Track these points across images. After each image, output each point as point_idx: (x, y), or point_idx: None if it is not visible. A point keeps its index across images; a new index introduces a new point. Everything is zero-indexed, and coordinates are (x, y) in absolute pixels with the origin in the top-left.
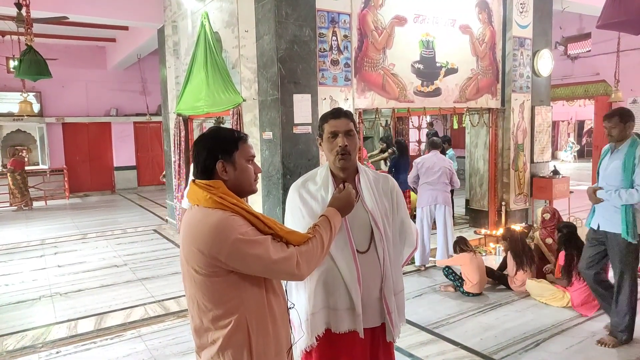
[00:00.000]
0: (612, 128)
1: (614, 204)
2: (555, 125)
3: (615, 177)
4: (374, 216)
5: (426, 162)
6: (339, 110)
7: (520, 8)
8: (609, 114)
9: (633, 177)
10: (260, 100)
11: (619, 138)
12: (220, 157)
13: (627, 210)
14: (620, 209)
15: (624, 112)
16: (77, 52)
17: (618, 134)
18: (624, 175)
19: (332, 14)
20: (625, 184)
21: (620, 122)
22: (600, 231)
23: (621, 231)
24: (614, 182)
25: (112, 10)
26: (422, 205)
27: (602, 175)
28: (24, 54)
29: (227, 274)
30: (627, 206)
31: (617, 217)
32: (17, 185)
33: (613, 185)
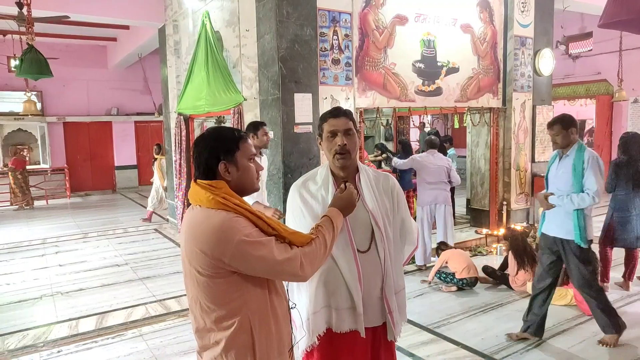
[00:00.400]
0: (555, 135)
1: (565, 210)
2: None
3: (566, 182)
4: (375, 216)
5: (423, 161)
6: (338, 109)
7: (521, 7)
8: (551, 122)
9: (583, 181)
10: (261, 99)
11: (564, 144)
12: (222, 158)
13: (578, 216)
14: (572, 215)
15: (565, 119)
16: (78, 51)
17: (562, 140)
18: (574, 180)
19: (333, 13)
20: (576, 189)
21: (563, 129)
22: (552, 238)
23: (574, 237)
24: (564, 187)
25: (113, 10)
26: (422, 205)
27: (552, 181)
28: (25, 53)
29: (230, 275)
30: (579, 211)
31: (569, 223)
32: (19, 185)
33: (564, 191)
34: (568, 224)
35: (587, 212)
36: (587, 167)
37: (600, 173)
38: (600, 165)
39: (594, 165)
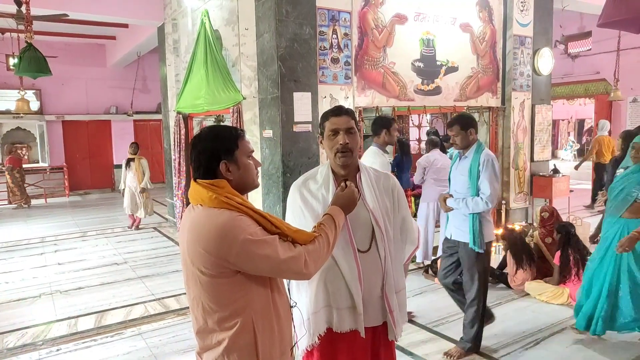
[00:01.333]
0: (455, 136)
1: (463, 213)
2: (556, 124)
3: (463, 184)
4: (375, 215)
5: (437, 162)
6: (340, 107)
7: (520, 6)
8: (449, 122)
9: (478, 185)
10: (261, 98)
11: (463, 145)
12: (222, 158)
13: (474, 219)
14: (468, 218)
15: (464, 119)
16: (77, 50)
17: (461, 141)
18: (470, 182)
19: (333, 12)
20: (472, 192)
21: (462, 130)
22: (452, 240)
23: (469, 240)
24: (461, 189)
25: (112, 8)
26: (427, 201)
27: (452, 182)
28: (23, 52)
29: (234, 275)
30: (474, 215)
31: (466, 226)
32: (17, 183)
33: (461, 193)
34: (465, 227)
35: (485, 216)
36: (482, 170)
37: (495, 177)
38: (495, 168)
39: (489, 169)
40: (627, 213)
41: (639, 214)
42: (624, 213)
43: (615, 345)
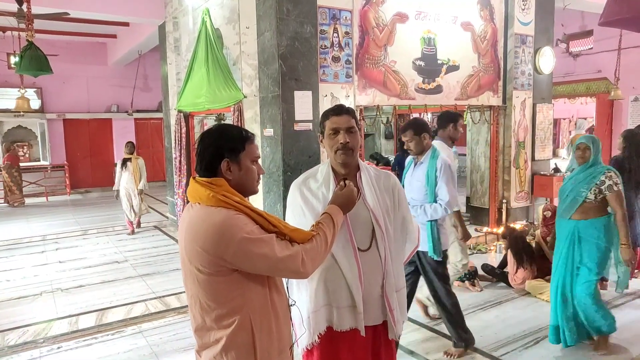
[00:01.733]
0: (409, 142)
1: (419, 221)
2: (557, 123)
3: (419, 191)
4: (375, 214)
5: None
6: (341, 106)
7: (522, 5)
8: (403, 127)
9: (436, 191)
10: (261, 96)
11: (417, 151)
12: (226, 156)
13: (432, 227)
14: (426, 226)
15: (417, 124)
16: (78, 48)
17: (415, 146)
18: (427, 189)
19: (334, 10)
20: (430, 199)
21: (415, 135)
22: None
23: (428, 249)
24: (418, 196)
25: (113, 7)
26: None
27: (408, 189)
28: (24, 50)
29: (231, 273)
30: (432, 222)
31: (424, 234)
32: (16, 182)
33: (418, 200)
34: (423, 235)
35: (442, 224)
36: (439, 176)
37: (452, 182)
38: (453, 173)
39: (446, 174)
40: (576, 214)
41: (589, 215)
42: (573, 214)
43: (618, 344)
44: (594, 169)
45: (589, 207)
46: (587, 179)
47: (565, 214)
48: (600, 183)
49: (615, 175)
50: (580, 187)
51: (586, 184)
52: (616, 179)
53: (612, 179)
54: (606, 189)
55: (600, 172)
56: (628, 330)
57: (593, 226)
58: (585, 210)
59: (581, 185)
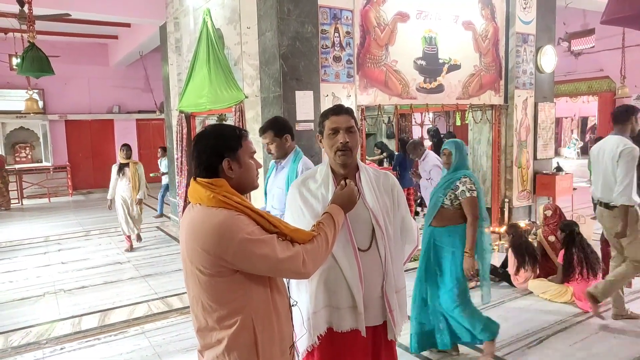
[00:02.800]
0: (269, 144)
1: None
2: (559, 122)
3: (280, 198)
4: (375, 214)
5: None
6: (340, 106)
7: (523, 4)
8: (262, 128)
9: None
10: (263, 97)
11: (279, 154)
12: (226, 156)
13: None
14: None
15: (277, 124)
16: (79, 49)
17: (277, 149)
18: None
19: (335, 10)
20: None
21: (276, 137)
22: None
23: None
24: (279, 205)
25: (114, 7)
26: None
27: (269, 197)
28: (26, 51)
29: (233, 274)
30: None
31: None
32: (6, 184)
33: (279, 209)
34: None
35: None
36: None
37: None
38: None
39: None
40: (434, 221)
41: (445, 222)
42: (432, 221)
43: (621, 342)
44: (452, 175)
45: (446, 214)
46: (445, 184)
47: (427, 220)
48: (455, 188)
49: (470, 181)
50: (439, 192)
51: (443, 189)
52: (470, 184)
53: (466, 184)
54: (460, 194)
55: (457, 178)
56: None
57: (447, 233)
58: (442, 217)
59: (440, 191)
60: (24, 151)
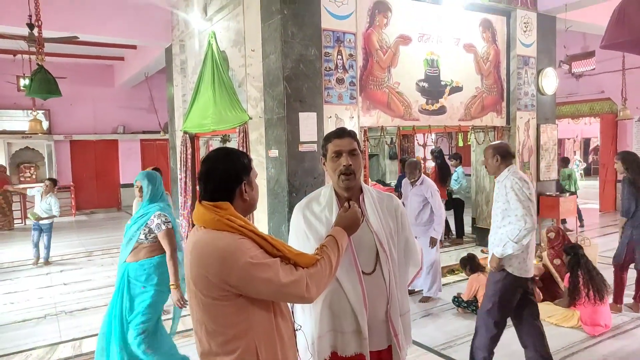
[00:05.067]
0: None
1: None
2: (561, 143)
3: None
4: (379, 237)
5: None
6: (343, 129)
7: (523, 27)
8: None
9: None
10: (267, 118)
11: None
12: (243, 179)
13: None
14: None
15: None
16: (85, 71)
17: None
18: None
19: (338, 33)
20: None
21: None
22: None
23: None
24: None
25: (121, 30)
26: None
27: None
28: (34, 74)
29: (236, 298)
30: None
31: None
32: (9, 203)
33: None
34: None
35: None
36: None
37: None
38: None
39: None
40: (130, 256)
41: (139, 257)
42: (127, 257)
43: None
44: (146, 209)
45: (141, 249)
46: (138, 219)
47: (121, 256)
48: (150, 222)
49: (164, 215)
50: (134, 228)
51: (138, 224)
52: (164, 217)
53: (161, 217)
54: (156, 228)
55: (152, 211)
56: None
57: (142, 268)
58: (137, 252)
59: (135, 225)
60: (28, 171)
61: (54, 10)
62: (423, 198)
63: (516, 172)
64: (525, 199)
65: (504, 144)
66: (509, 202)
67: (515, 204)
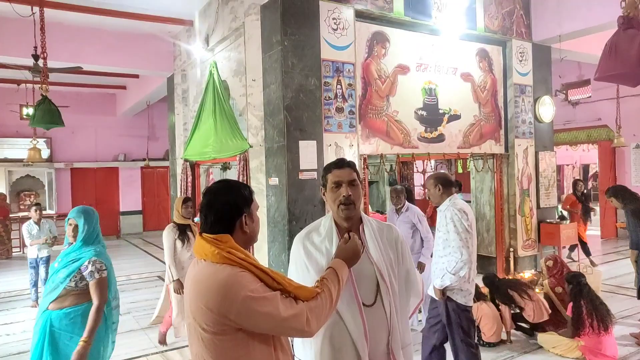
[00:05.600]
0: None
1: None
2: (560, 169)
3: None
4: (380, 268)
5: None
6: (342, 160)
7: (519, 57)
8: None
9: None
10: (267, 146)
11: None
12: (244, 211)
13: None
14: None
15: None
16: (88, 99)
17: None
18: None
19: (337, 63)
20: None
21: None
22: None
23: None
24: None
25: (124, 60)
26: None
27: None
28: (38, 104)
29: (236, 332)
30: None
31: None
32: (8, 232)
33: None
34: None
35: None
36: None
37: None
38: None
39: None
40: (53, 303)
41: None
42: (50, 304)
43: None
44: (80, 252)
45: (69, 296)
46: (69, 263)
47: (43, 304)
48: (83, 268)
49: (100, 262)
50: (63, 272)
51: (68, 269)
52: (100, 264)
53: (96, 264)
54: (88, 275)
55: (86, 256)
56: None
57: (69, 317)
58: (64, 300)
59: (64, 270)
60: (28, 199)
61: (58, 42)
62: (411, 224)
63: (456, 203)
64: (463, 230)
65: (444, 174)
66: (449, 233)
67: (454, 235)
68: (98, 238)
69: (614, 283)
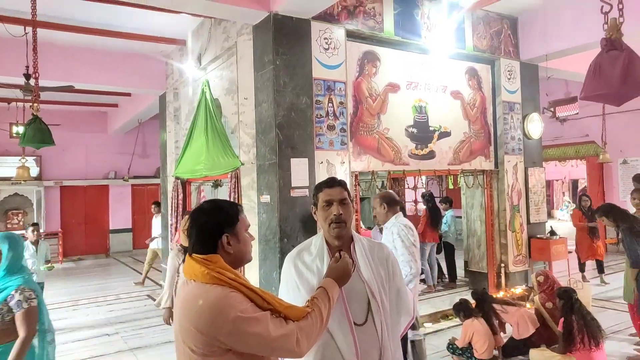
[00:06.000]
0: None
1: None
2: (550, 184)
3: None
4: (371, 286)
5: None
6: (333, 179)
7: (507, 75)
8: None
9: None
10: (259, 164)
11: None
12: (225, 231)
13: None
14: None
15: None
16: (79, 117)
17: None
18: None
19: (328, 82)
20: None
21: None
22: None
23: None
24: None
25: (116, 79)
26: None
27: None
28: (29, 124)
29: (225, 353)
30: None
31: None
32: None
33: None
34: None
35: None
36: None
37: None
38: None
39: None
40: None
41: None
42: None
43: None
44: (6, 281)
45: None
46: None
47: None
48: (10, 299)
49: (29, 289)
50: None
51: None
52: (29, 293)
53: (25, 292)
54: (15, 305)
55: (13, 285)
56: None
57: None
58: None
59: None
60: (16, 217)
61: (51, 61)
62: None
63: (401, 220)
64: (410, 244)
65: (389, 193)
66: (396, 248)
67: (402, 249)
68: (23, 268)
69: (605, 297)
